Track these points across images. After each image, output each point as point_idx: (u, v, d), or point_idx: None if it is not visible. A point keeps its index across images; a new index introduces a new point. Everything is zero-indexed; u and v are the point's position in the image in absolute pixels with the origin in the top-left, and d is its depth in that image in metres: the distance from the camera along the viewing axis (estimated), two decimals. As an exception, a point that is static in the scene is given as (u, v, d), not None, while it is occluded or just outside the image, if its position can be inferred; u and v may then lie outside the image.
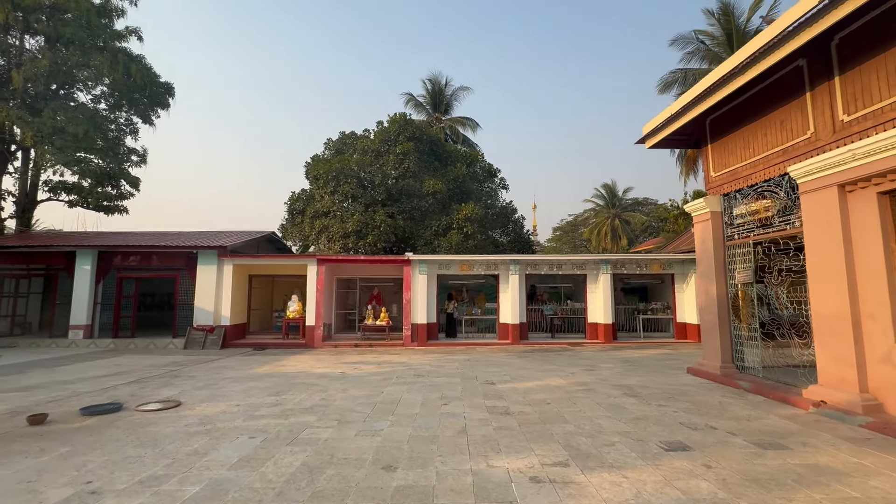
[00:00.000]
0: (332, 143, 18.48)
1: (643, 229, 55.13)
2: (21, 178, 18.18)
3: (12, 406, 6.49)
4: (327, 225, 15.87)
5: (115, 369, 9.82)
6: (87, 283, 14.15)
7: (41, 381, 8.44)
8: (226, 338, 13.94)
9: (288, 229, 17.87)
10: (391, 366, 10.18)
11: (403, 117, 18.19)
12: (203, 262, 14.31)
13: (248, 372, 9.41)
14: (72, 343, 13.78)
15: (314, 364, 10.52)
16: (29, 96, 17.66)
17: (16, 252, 14.62)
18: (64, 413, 6.03)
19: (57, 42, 17.67)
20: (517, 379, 8.36)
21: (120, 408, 6.19)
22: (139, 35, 19.71)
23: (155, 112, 20.50)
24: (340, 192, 15.59)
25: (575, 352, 12.50)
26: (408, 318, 14.28)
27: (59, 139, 16.19)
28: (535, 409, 6.09)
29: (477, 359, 11.21)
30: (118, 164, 18.97)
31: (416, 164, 16.81)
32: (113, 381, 8.49)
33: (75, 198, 18.70)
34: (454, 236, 15.73)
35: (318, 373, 9.29)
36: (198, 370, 9.73)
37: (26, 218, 18.10)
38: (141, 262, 14.68)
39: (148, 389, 7.66)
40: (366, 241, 15.61)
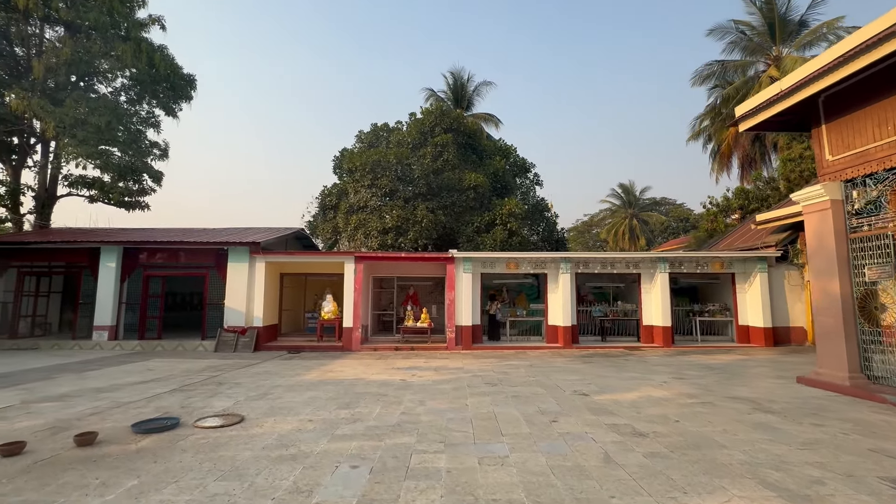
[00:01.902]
0: (365, 136, 17.62)
1: (662, 229, 53.95)
2: (41, 171, 17.45)
3: (50, 420, 5.62)
4: (364, 220, 14.97)
5: (149, 375, 8.97)
6: (112, 282, 13.34)
7: (73, 388, 7.59)
8: (258, 340, 13.08)
9: (318, 225, 17.00)
10: (450, 372, 9.26)
11: (440, 107, 17.30)
12: (234, 259, 13.47)
13: (298, 379, 8.52)
14: (96, 345, 12.97)
15: (364, 370, 9.62)
16: (49, 87, 16.95)
17: (36, 249, 13.85)
18: (113, 430, 5.15)
19: (78, 31, 16.94)
20: (608, 389, 7.40)
21: (177, 423, 5.30)
22: (162, 24, 18.99)
23: (178, 104, 19.76)
24: (378, 186, 14.69)
25: (639, 357, 11.51)
26: (451, 319, 13.35)
27: (81, 131, 15.44)
28: (666, 428, 5.14)
29: (538, 364, 10.26)
30: (140, 157, 18.22)
31: (455, 157, 15.90)
32: (153, 388, 7.63)
33: (96, 193, 17.94)
34: (498, 232, 14.79)
35: (375, 380, 8.38)
36: (241, 376, 8.86)
37: (46, 213, 17.37)
38: (168, 259, 13.86)
39: (197, 399, 6.78)
40: (406, 238, 14.70)
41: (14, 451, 4.31)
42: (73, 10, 16.26)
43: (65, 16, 16.20)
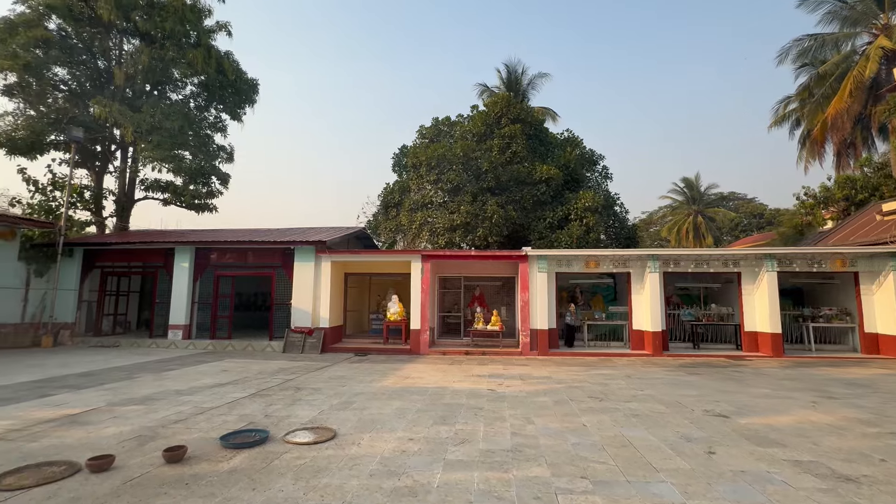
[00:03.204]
0: (427, 131, 17.07)
1: (732, 227, 49.85)
2: (120, 176, 18.30)
3: (136, 427, 5.26)
4: (429, 217, 14.34)
5: (224, 377, 8.70)
6: (186, 282, 13.52)
7: (154, 390, 7.36)
8: (325, 341, 12.73)
9: (381, 224, 16.59)
10: (539, 381, 8.31)
11: (505, 97, 16.39)
12: (300, 258, 13.24)
13: (377, 386, 7.90)
14: (171, 344, 13.15)
15: (442, 376, 8.88)
16: (127, 96, 17.71)
17: (117, 250, 14.34)
18: (201, 442, 4.66)
19: (153, 41, 17.58)
20: (747, 410, 6.16)
21: (266, 437, 4.74)
22: (229, 30, 19.43)
23: (242, 109, 20.17)
24: (444, 181, 14.01)
25: (752, 368, 9.98)
26: (526, 322, 12.37)
27: (156, 135, 15.94)
28: (874, 469, 3.94)
29: (634, 374, 9.07)
30: (209, 160, 18.69)
31: (524, 149, 14.92)
32: (231, 392, 7.26)
33: (169, 196, 18.59)
34: (574, 228, 13.64)
35: (460, 389, 7.59)
36: (316, 380, 8.38)
37: (125, 216, 18.18)
38: (237, 259, 13.88)
39: (278, 406, 6.27)
40: (475, 235, 13.90)
41: (103, 466, 3.87)
42: (150, 21, 16.88)
43: (142, 26, 16.84)
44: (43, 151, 17.05)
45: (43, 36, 15.86)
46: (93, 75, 17.96)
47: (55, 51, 16.46)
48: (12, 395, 6.81)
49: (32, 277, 13.60)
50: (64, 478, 3.72)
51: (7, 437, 4.86)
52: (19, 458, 4.17)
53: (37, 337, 12.92)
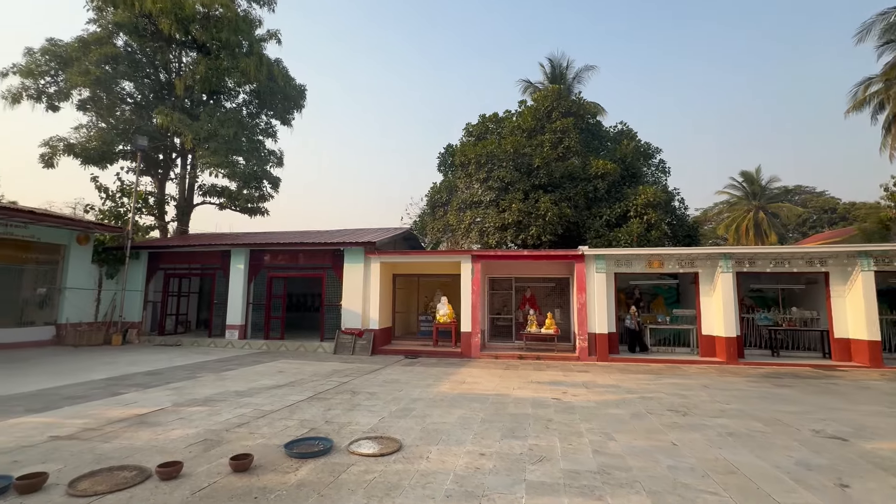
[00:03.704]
0: (474, 128, 16.71)
1: (799, 223, 46.11)
2: (180, 182, 19.21)
3: (201, 430, 5.20)
4: (479, 216, 13.93)
5: (281, 378, 8.69)
6: (241, 283, 13.87)
7: (215, 391, 7.42)
8: (375, 343, 12.63)
9: (428, 224, 16.38)
10: (607, 391, 7.69)
11: (556, 90, 15.72)
12: (350, 260, 13.23)
13: (434, 391, 7.59)
14: (228, 343, 13.52)
15: (500, 382, 8.45)
16: (185, 105, 18.54)
17: (179, 252, 14.96)
18: (265, 450, 4.50)
19: (209, 52, 18.32)
20: (868, 432, 5.32)
21: (331, 447, 4.51)
22: (278, 38, 19.94)
23: (291, 114, 20.64)
24: (494, 179, 13.56)
25: (849, 380, 8.83)
26: (583, 326, 11.69)
27: (213, 142, 16.54)
28: None
29: (712, 385, 8.24)
30: (260, 165, 19.24)
31: (577, 143, 14.23)
32: (289, 394, 7.18)
33: (225, 200, 19.31)
34: (634, 225, 12.79)
35: (522, 397, 7.14)
36: (370, 384, 8.19)
37: (185, 220, 19.05)
38: (289, 261, 14.09)
39: (337, 412, 6.09)
40: (527, 234, 13.36)
41: (172, 474, 3.75)
42: (206, 32, 17.58)
43: (199, 38, 17.58)
44: (112, 161, 18.18)
45: (112, 52, 16.88)
46: (155, 87, 18.98)
47: (123, 66, 17.49)
48: (88, 393, 7.06)
49: (104, 279, 14.44)
50: (135, 484, 3.63)
51: (82, 436, 4.92)
52: (93, 461, 4.15)
53: (108, 335, 13.66)
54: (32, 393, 7.01)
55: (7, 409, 6.03)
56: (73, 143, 17.19)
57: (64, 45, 17.04)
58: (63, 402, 6.48)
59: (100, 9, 17.32)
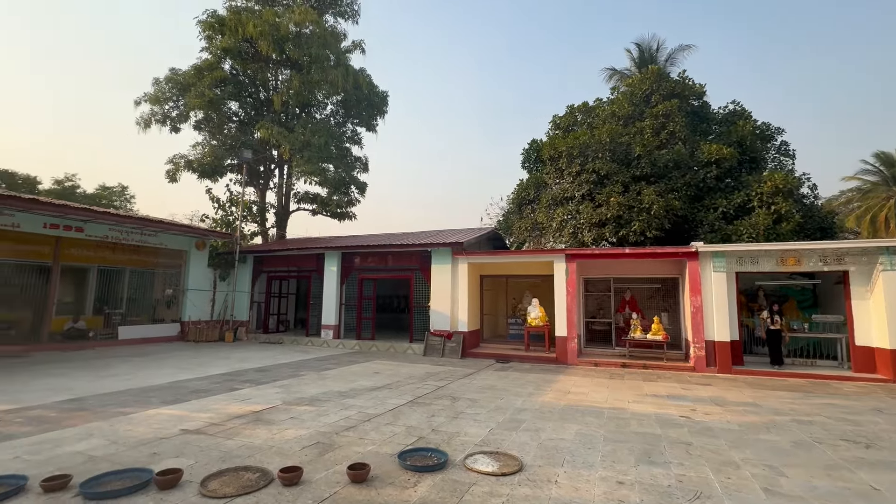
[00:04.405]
0: (561, 119, 15.82)
1: (958, 210, 38.07)
2: (278, 191, 20.68)
3: (312, 431, 5.19)
4: (573, 212, 13.04)
5: (378, 379, 8.68)
6: (335, 285, 14.39)
7: (319, 390, 7.55)
8: (464, 345, 12.32)
9: (514, 223, 15.80)
10: (748, 410, 6.54)
11: (657, 71, 14.29)
12: (437, 261, 13.10)
13: (538, 401, 7.03)
14: (324, 343, 14.08)
15: (610, 395, 7.62)
16: (282, 119, 19.90)
17: (279, 256, 15.98)
18: (378, 458, 4.29)
19: (301, 68, 19.48)
20: None
21: (445, 461, 4.17)
22: (362, 48, 20.66)
23: (375, 120, 21.26)
24: (589, 171, 12.59)
25: None
26: (699, 332, 10.33)
27: (307, 151, 17.50)
28: None
29: (887, 409, 6.66)
30: (348, 171, 20.03)
31: (683, 127, 12.73)
32: (389, 397, 7.07)
33: (317, 206, 20.41)
34: (760, 217, 11.06)
35: (643, 413, 6.30)
36: (468, 390, 7.83)
37: (282, 226, 20.46)
38: (378, 263, 14.34)
39: (441, 419, 5.78)
40: (629, 230, 12.21)
41: (293, 480, 3.65)
42: (298, 49, 18.71)
43: (292, 54, 18.75)
44: (222, 174, 20.08)
45: (220, 76, 18.62)
46: (256, 105, 20.66)
47: (229, 87, 19.23)
48: (210, 387, 7.55)
49: (218, 281, 15.87)
50: (259, 488, 3.57)
51: (208, 431, 5.13)
52: (219, 458, 4.23)
53: (222, 332, 14.96)
54: (165, 385, 7.66)
55: (146, 399, 6.59)
56: (191, 159, 19.28)
57: (182, 73, 19.17)
58: (190, 395, 6.96)
59: (210, 38, 19.21)
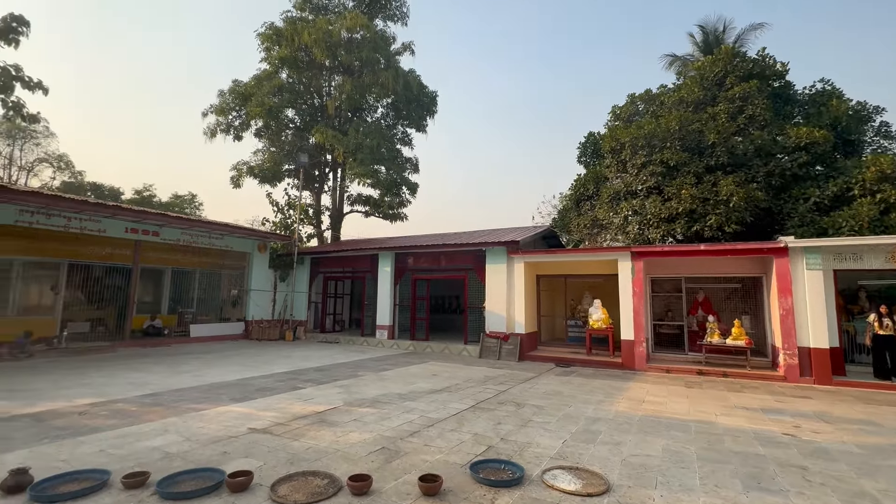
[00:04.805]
0: (622, 109, 14.88)
1: None
2: (333, 194, 21.22)
3: (376, 434, 5.02)
4: (638, 207, 12.17)
5: (436, 382, 8.46)
6: (389, 285, 14.42)
7: (379, 391, 7.43)
8: (521, 348, 11.86)
9: (571, 220, 15.10)
10: (862, 429, 5.64)
11: (730, 50, 13.03)
12: (492, 260, 12.73)
13: (611, 410, 6.48)
14: (379, 343, 14.13)
15: (692, 406, 6.90)
16: (335, 123, 20.37)
17: (334, 257, 16.31)
18: (447, 468, 4.02)
19: (353, 73, 19.84)
20: None
21: (521, 476, 3.82)
22: (412, 50, 20.72)
23: (425, 120, 21.25)
24: (656, 162, 11.68)
25: None
26: (789, 337, 9.23)
27: (360, 153, 17.76)
28: None
29: None
30: (399, 172, 20.15)
31: (765, 110, 11.48)
32: (450, 401, 6.81)
33: (369, 208, 20.70)
34: (864, 207, 9.71)
35: (736, 428, 5.59)
36: (531, 395, 7.41)
37: (337, 228, 20.94)
38: (431, 263, 14.20)
39: (510, 428, 5.43)
40: (704, 225, 11.20)
41: (363, 489, 3.46)
42: (350, 55, 19.06)
43: (344, 60, 19.15)
44: (280, 179, 20.90)
45: (278, 84, 19.37)
46: (311, 111, 21.32)
47: (286, 95, 19.96)
48: (274, 385, 7.67)
49: (278, 282, 16.44)
50: (329, 496, 3.41)
51: (274, 431, 5.10)
52: (287, 461, 4.15)
53: (282, 331, 15.45)
54: (232, 383, 7.88)
55: (216, 396, 6.77)
56: (252, 165, 20.23)
57: (244, 84, 20.15)
58: (256, 393, 7.08)
59: (268, 49, 20.05)
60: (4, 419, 5.33)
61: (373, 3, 21.07)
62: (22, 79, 9.90)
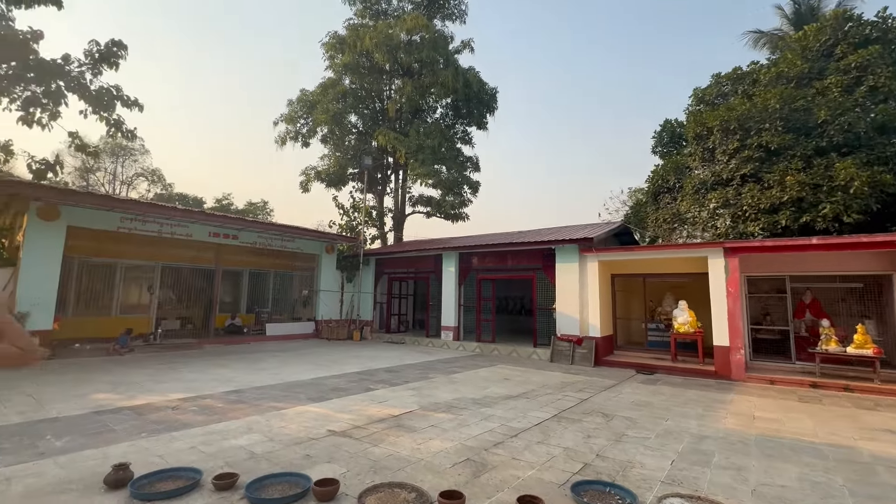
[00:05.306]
0: (706, 92, 13.45)
1: None
2: (395, 195, 21.46)
3: (457, 444, 4.71)
4: (731, 197, 10.89)
5: (510, 387, 8.04)
6: (453, 286, 14.19)
7: (452, 395, 7.15)
8: (597, 353, 11.08)
9: (648, 215, 13.97)
10: None
11: (841, 14, 11.30)
12: (562, 259, 12.05)
13: (715, 426, 5.69)
14: (444, 344, 13.94)
15: (815, 425, 5.90)
16: (396, 125, 20.57)
17: (398, 258, 16.38)
18: (543, 487, 3.61)
19: (412, 74, 19.93)
20: None
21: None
22: (471, 47, 20.44)
23: (485, 117, 20.86)
24: (753, 146, 10.36)
25: None
26: (934, 346, 7.71)
27: (421, 154, 17.75)
28: None
29: None
30: (460, 171, 19.92)
31: (890, 78, 9.79)
32: (530, 409, 6.36)
33: (431, 209, 20.68)
34: None
35: (885, 456, 4.63)
36: (617, 405, 6.76)
37: (399, 229, 21.14)
38: (496, 262, 13.78)
39: (604, 444, 4.88)
40: (815, 215, 9.81)
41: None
42: (410, 56, 19.15)
43: (404, 62, 19.26)
44: (345, 183, 21.49)
45: (341, 90, 19.92)
46: (372, 115, 21.73)
47: (349, 101, 20.48)
48: (347, 386, 7.66)
49: (345, 283, 16.83)
50: (419, 513, 3.13)
51: (354, 434, 4.96)
52: (370, 469, 3.95)
53: (350, 331, 15.77)
54: (308, 382, 7.98)
55: (294, 395, 6.84)
56: (320, 170, 20.99)
57: (310, 92, 20.96)
58: (331, 393, 7.08)
59: (332, 57, 20.71)
60: (111, 411, 5.68)
61: (431, 5, 21.07)
62: (121, 98, 10.74)
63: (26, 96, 9.93)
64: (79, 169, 30.90)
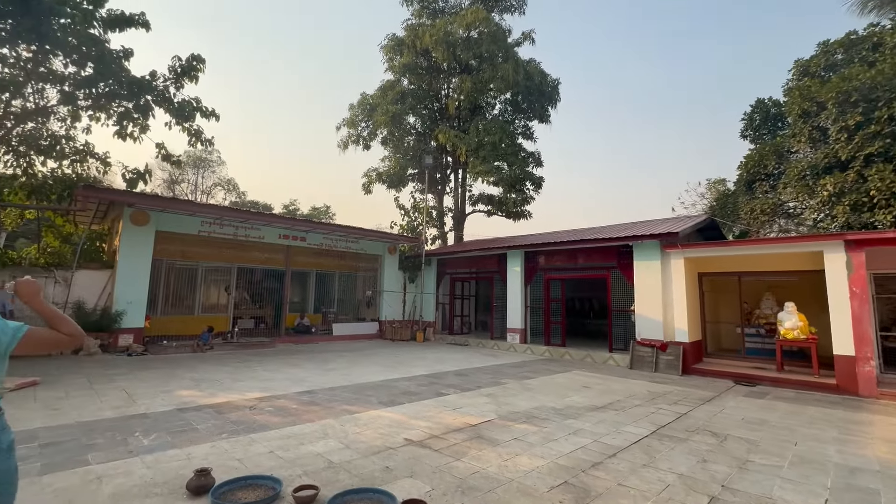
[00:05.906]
0: (813, 62, 11.63)
1: None
2: (455, 194, 21.18)
3: (549, 462, 4.17)
4: (852, 182, 9.31)
5: (592, 396, 7.32)
6: (519, 286, 13.57)
7: (530, 404, 6.60)
8: (685, 360, 9.96)
9: (740, 206, 12.47)
10: None
11: None
12: (640, 256, 11.03)
13: (862, 454, 4.67)
14: (510, 347, 13.35)
15: None
16: (456, 123, 20.27)
17: (460, 258, 16.02)
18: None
19: (470, 70, 19.52)
20: None
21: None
22: (532, 38, 19.67)
23: (547, 110, 19.99)
24: (881, 120, 8.77)
25: None
26: None
27: (482, 150, 17.30)
28: None
29: None
30: (521, 167, 19.22)
31: None
32: (621, 423, 5.65)
33: (492, 208, 20.15)
34: None
35: None
36: (727, 423, 5.84)
37: (460, 228, 20.81)
38: (566, 261, 12.98)
39: (724, 470, 4.11)
40: (973, 199, 8.14)
41: (570, 550, 2.61)
42: (468, 51, 18.76)
43: (463, 58, 18.91)
44: (405, 183, 21.56)
45: (400, 90, 19.96)
46: (431, 115, 21.61)
47: (408, 101, 20.50)
48: (417, 390, 7.36)
49: (407, 283, 16.76)
50: (523, 551, 2.64)
51: (432, 445, 4.59)
52: (456, 488, 3.54)
53: (413, 332, 15.64)
54: (378, 384, 7.79)
55: (365, 398, 6.64)
56: (381, 172, 21.23)
57: (370, 95, 21.26)
58: (402, 396, 6.80)
59: (391, 59, 20.85)
60: (194, 408, 5.77)
61: (488, -1, 20.58)
62: (200, 109, 11.29)
63: (119, 111, 10.74)
64: (165, 181, 33.85)
